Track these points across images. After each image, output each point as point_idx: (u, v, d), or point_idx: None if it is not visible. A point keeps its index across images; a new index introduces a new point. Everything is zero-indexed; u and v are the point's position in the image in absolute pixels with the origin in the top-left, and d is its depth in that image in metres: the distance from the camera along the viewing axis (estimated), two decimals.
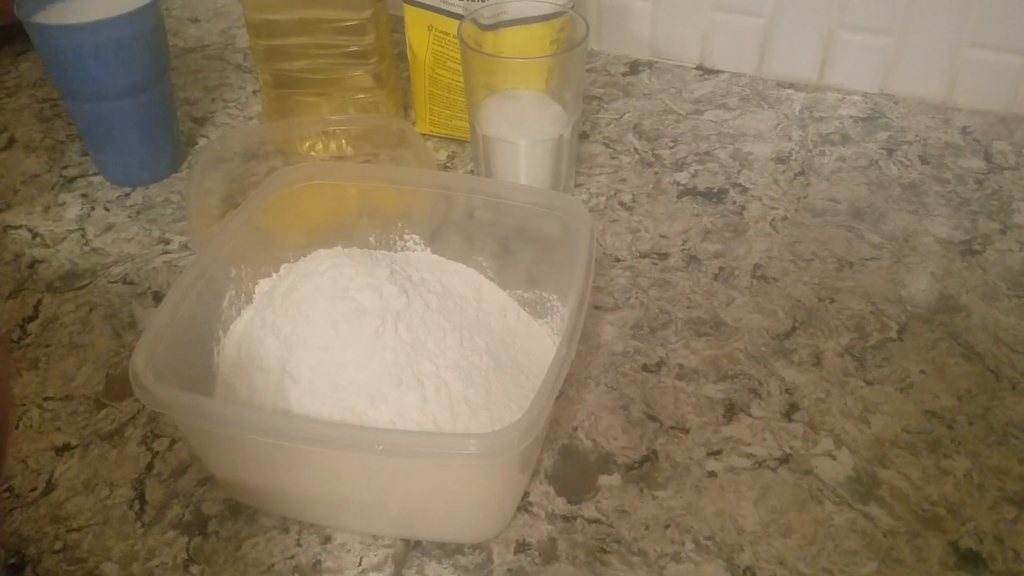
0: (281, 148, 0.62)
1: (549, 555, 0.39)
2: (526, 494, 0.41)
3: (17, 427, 0.45)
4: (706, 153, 0.64)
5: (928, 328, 0.50)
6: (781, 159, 0.63)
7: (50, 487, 0.42)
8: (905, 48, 0.67)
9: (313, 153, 0.62)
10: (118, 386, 0.47)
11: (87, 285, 0.54)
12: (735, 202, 0.59)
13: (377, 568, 0.39)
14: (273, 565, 0.39)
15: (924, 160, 0.63)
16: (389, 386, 0.38)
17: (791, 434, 0.44)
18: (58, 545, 0.40)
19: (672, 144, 0.64)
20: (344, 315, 0.39)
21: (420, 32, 0.60)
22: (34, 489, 0.42)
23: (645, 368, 0.47)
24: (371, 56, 0.61)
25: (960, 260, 0.54)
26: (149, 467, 0.43)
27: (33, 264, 0.56)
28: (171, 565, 0.39)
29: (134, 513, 0.41)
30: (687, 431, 0.44)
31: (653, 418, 0.45)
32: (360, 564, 0.39)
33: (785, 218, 0.58)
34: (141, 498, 0.42)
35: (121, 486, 0.42)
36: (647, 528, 0.40)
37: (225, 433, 0.36)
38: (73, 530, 0.40)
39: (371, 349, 0.38)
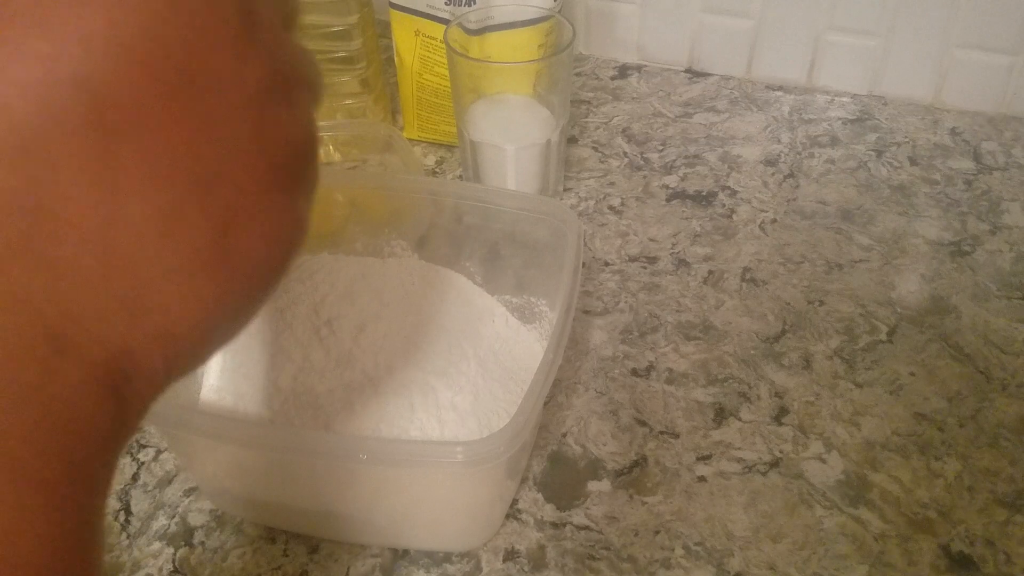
0: None
1: (538, 563, 0.39)
2: (515, 501, 0.41)
3: None
4: (695, 156, 0.63)
5: (918, 330, 0.49)
6: (770, 161, 0.63)
7: None
8: (894, 49, 0.67)
9: None
10: None
11: None
12: (724, 205, 0.59)
13: None
14: None
15: (913, 161, 0.63)
16: (374, 393, 0.37)
17: (781, 438, 0.44)
18: None
19: (661, 147, 0.64)
20: (327, 322, 0.39)
21: (407, 37, 0.60)
22: None
23: (634, 373, 0.47)
24: (358, 61, 0.61)
25: (950, 261, 0.54)
26: (134, 478, 0.43)
27: None
28: None
29: (119, 524, 0.41)
30: (677, 436, 0.44)
31: (642, 423, 0.45)
32: (347, 574, 0.38)
33: (774, 221, 0.57)
34: (127, 509, 0.41)
35: None
36: (637, 534, 0.40)
37: (210, 444, 0.36)
38: None
39: (355, 356, 0.38)
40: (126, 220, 0.16)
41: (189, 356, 0.18)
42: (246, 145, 0.17)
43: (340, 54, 0.60)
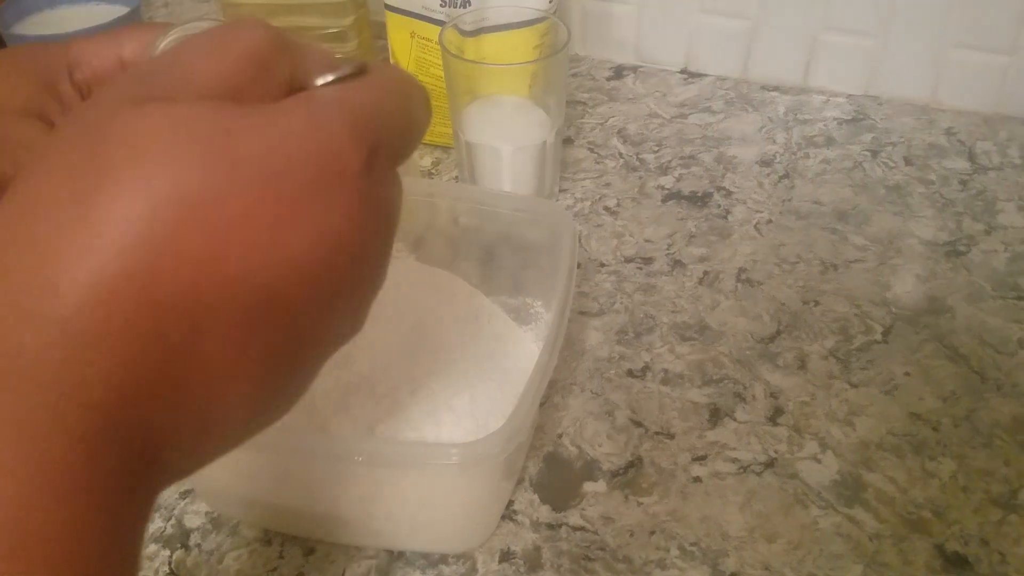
0: None
1: (534, 563, 0.39)
2: (510, 502, 0.41)
3: None
4: (691, 157, 0.63)
5: (913, 330, 0.50)
6: (765, 162, 0.63)
7: None
8: (889, 50, 0.67)
9: None
10: None
11: None
12: (720, 206, 0.59)
13: None
14: None
15: (908, 161, 0.63)
16: (370, 395, 0.38)
17: (776, 438, 0.44)
18: None
19: (657, 148, 0.64)
20: None
21: (403, 39, 0.60)
22: None
23: (630, 373, 0.47)
24: None
25: (945, 261, 0.54)
26: None
27: None
28: None
29: None
30: (672, 436, 0.44)
31: (638, 424, 0.45)
32: (343, 575, 0.39)
33: (770, 221, 0.58)
34: None
35: None
36: (632, 535, 0.40)
37: None
38: None
39: (351, 358, 0.38)
40: (229, 387, 0.18)
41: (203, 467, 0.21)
42: (327, 347, 0.21)
43: (336, 56, 0.60)
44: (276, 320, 0.19)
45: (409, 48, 0.60)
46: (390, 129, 0.20)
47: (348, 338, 0.22)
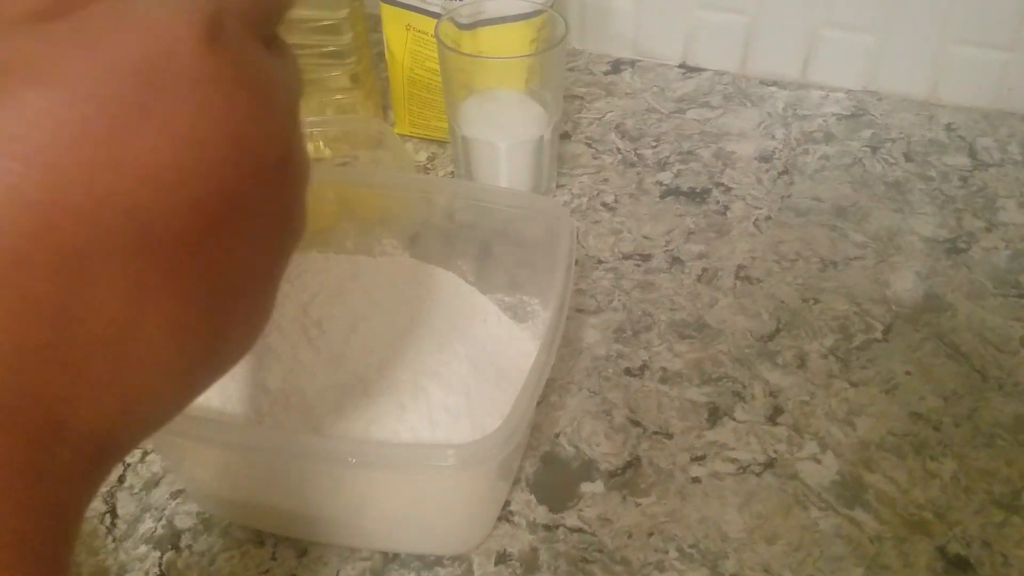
0: None
1: (531, 565, 0.38)
2: (507, 503, 0.41)
3: None
4: (689, 152, 0.63)
5: (913, 328, 0.49)
6: (764, 158, 0.62)
7: None
8: (889, 45, 0.66)
9: None
10: None
11: None
12: (718, 202, 0.58)
13: None
14: None
15: (908, 158, 0.62)
16: (364, 394, 0.37)
17: (775, 438, 0.43)
18: None
19: (655, 143, 0.64)
20: (316, 322, 0.38)
21: (398, 31, 0.59)
22: None
23: (628, 372, 0.47)
24: (348, 56, 0.60)
25: (945, 259, 0.54)
26: (120, 480, 0.42)
27: None
28: None
29: (105, 527, 0.40)
30: (670, 436, 0.43)
31: (636, 423, 0.44)
32: None
33: (768, 218, 0.57)
34: (112, 512, 0.41)
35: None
36: (630, 536, 0.39)
37: (197, 445, 0.35)
38: None
39: (345, 357, 0.37)
40: (142, 332, 0.17)
41: (164, 424, 0.19)
42: (259, 262, 0.19)
43: (330, 48, 0.60)
44: (166, 245, 0.16)
45: (405, 41, 0.59)
46: None
47: (293, 239, 0.20)
